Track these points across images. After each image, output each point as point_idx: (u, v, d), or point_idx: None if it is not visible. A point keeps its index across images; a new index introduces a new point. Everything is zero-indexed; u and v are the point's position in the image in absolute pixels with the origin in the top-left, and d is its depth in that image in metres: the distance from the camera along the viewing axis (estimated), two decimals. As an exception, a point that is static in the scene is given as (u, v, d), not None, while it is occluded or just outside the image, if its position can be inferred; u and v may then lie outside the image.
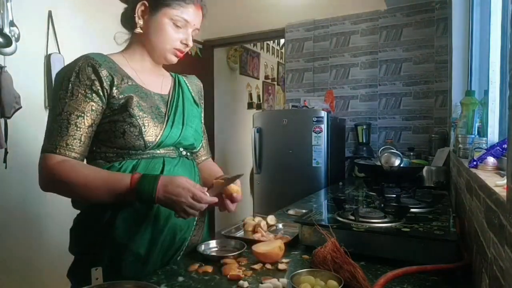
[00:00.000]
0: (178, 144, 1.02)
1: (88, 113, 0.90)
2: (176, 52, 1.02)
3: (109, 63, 0.95)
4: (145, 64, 1.05)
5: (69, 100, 0.89)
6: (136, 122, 0.92)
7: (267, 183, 2.84)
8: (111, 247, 0.91)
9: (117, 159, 0.94)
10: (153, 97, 1.00)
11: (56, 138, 0.88)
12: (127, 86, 0.95)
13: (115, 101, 0.93)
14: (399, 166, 1.67)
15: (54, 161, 0.88)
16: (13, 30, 2.07)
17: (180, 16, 0.98)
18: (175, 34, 1.00)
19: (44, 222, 2.31)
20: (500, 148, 0.97)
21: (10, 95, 2.02)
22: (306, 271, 0.81)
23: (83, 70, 0.90)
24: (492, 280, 0.61)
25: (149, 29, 0.99)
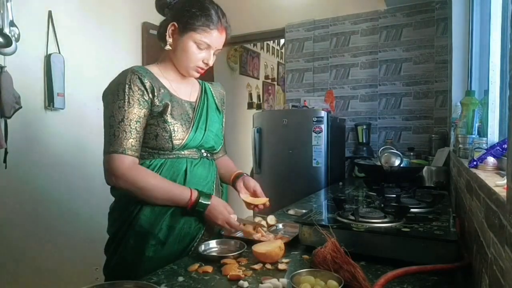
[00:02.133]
0: (200, 147, 1.17)
1: (142, 118, 1.06)
2: (197, 69, 1.15)
3: (150, 75, 1.10)
4: (176, 75, 1.18)
5: (128, 108, 1.04)
6: (168, 128, 1.08)
7: (267, 183, 2.84)
8: (136, 231, 1.07)
9: (148, 157, 1.10)
10: (184, 104, 1.15)
11: (123, 141, 1.03)
12: (163, 95, 1.10)
13: (155, 108, 1.08)
14: (399, 166, 1.67)
15: (127, 162, 1.03)
16: (13, 30, 2.07)
17: (203, 40, 1.10)
18: (198, 54, 1.12)
19: (44, 222, 2.30)
20: (500, 148, 0.97)
21: (10, 95, 2.02)
22: (306, 271, 0.81)
23: (134, 82, 1.05)
24: (492, 280, 0.61)
25: (176, 47, 1.12)
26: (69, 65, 2.39)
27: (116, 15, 2.80)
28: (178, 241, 1.10)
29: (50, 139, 2.34)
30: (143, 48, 2.99)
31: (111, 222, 1.15)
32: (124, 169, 1.02)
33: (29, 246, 2.22)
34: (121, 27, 2.85)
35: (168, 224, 1.08)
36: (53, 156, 2.34)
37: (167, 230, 1.08)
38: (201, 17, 1.09)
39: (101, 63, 2.65)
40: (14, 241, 2.15)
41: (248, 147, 3.77)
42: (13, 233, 2.15)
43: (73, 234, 2.43)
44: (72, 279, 2.37)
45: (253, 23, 3.57)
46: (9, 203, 2.14)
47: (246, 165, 4.72)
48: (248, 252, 1.04)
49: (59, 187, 2.37)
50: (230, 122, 4.62)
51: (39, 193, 2.28)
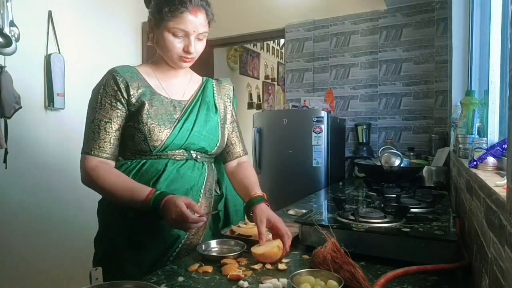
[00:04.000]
0: (186, 147, 1.11)
1: (115, 119, 1.05)
2: (183, 59, 1.09)
3: (130, 74, 1.08)
4: (169, 72, 1.15)
5: (98, 109, 1.04)
6: (143, 129, 1.04)
7: (267, 183, 2.84)
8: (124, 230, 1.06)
9: (131, 158, 1.09)
10: (169, 104, 1.11)
11: (91, 142, 1.03)
12: (142, 93, 1.07)
13: (132, 107, 1.06)
14: (399, 166, 1.67)
15: (92, 164, 1.03)
16: (13, 30, 2.07)
17: (177, 27, 1.04)
18: (177, 44, 1.06)
19: (44, 222, 2.30)
20: (500, 148, 0.97)
21: (10, 95, 2.02)
22: (306, 271, 0.81)
23: (108, 83, 1.05)
24: (492, 280, 0.61)
25: (157, 42, 1.09)
26: (69, 65, 2.40)
27: (116, 15, 2.80)
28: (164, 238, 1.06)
29: (50, 139, 2.34)
30: (143, 48, 3.00)
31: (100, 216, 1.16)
32: (88, 169, 1.03)
33: (29, 246, 2.22)
34: (121, 27, 2.85)
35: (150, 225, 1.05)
36: (53, 156, 2.34)
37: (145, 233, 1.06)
38: (166, 4, 1.02)
39: (101, 63, 2.64)
40: (14, 241, 2.15)
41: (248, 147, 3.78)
42: (13, 233, 2.15)
43: (73, 234, 2.43)
44: (72, 279, 2.37)
45: (253, 23, 3.57)
46: (9, 203, 2.14)
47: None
48: (248, 252, 1.04)
49: (59, 187, 2.37)
50: (230, 122, 4.62)
51: (39, 192, 2.28)
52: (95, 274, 0.79)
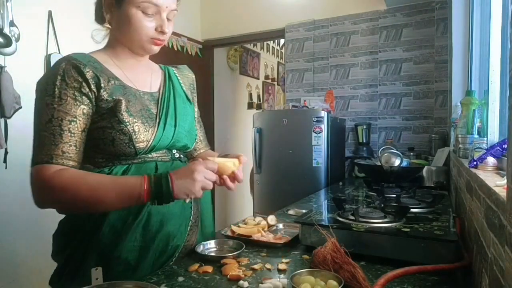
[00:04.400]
0: (171, 147, 0.98)
1: (80, 117, 0.84)
2: (154, 41, 0.93)
3: (94, 63, 0.89)
4: (129, 60, 0.97)
5: (58, 105, 0.82)
6: (126, 129, 0.86)
7: (267, 183, 2.84)
8: (97, 255, 0.87)
9: (106, 165, 0.89)
10: (143, 98, 0.94)
11: (50, 147, 0.80)
12: (114, 87, 0.89)
13: (104, 104, 0.86)
14: (399, 166, 1.67)
15: (50, 172, 0.79)
16: (13, 30, 2.07)
17: (148, 1, 0.88)
18: (148, 23, 0.90)
19: (44, 222, 2.30)
20: (500, 148, 0.96)
21: (10, 95, 2.02)
22: (306, 271, 0.81)
23: (68, 73, 0.84)
24: (492, 280, 0.61)
25: (119, 22, 0.92)
26: (69, 65, 2.40)
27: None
28: (153, 263, 0.92)
29: (50, 139, 2.34)
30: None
31: (59, 246, 0.93)
32: (46, 180, 0.78)
33: (29, 246, 2.22)
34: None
35: (139, 244, 0.89)
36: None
37: (138, 252, 0.89)
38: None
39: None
40: (14, 241, 2.15)
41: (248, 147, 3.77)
42: (13, 232, 2.15)
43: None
44: (72, 279, 2.37)
45: (253, 23, 3.57)
46: (8, 203, 2.14)
47: (246, 165, 4.72)
48: (247, 252, 1.04)
49: (59, 187, 2.38)
50: (230, 122, 4.62)
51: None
52: (95, 274, 0.78)
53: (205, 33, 3.85)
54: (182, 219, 0.99)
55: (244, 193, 4.76)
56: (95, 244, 0.87)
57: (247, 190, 4.44)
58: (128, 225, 0.88)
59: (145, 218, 0.90)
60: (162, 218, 0.93)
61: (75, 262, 0.88)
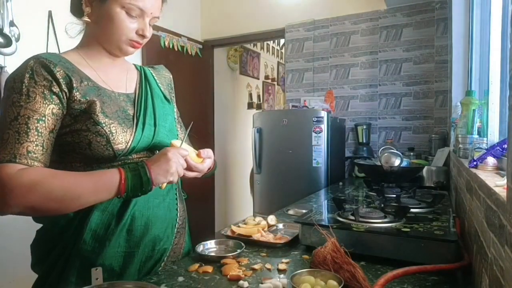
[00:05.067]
0: (152, 147, 0.93)
1: (49, 116, 0.79)
2: (132, 43, 0.91)
3: (65, 63, 0.84)
4: (103, 59, 0.93)
5: (25, 103, 0.76)
6: (103, 131, 0.82)
7: (267, 183, 2.84)
8: (79, 263, 0.83)
9: (84, 169, 0.84)
10: (118, 99, 0.90)
11: (14, 146, 0.74)
12: (87, 87, 0.85)
13: (76, 105, 0.82)
14: (399, 166, 1.66)
15: (11, 171, 0.72)
16: (13, 30, 2.07)
17: (134, 4, 0.85)
18: (130, 24, 0.87)
19: (44, 222, 2.31)
20: (500, 148, 0.96)
21: (10, 95, 2.02)
22: (306, 271, 0.81)
23: (37, 71, 0.79)
24: (492, 280, 0.61)
25: (99, 18, 0.87)
26: (69, 65, 2.40)
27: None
28: (139, 269, 0.90)
29: (50, 139, 2.34)
30: (142, 47, 2.99)
31: (38, 257, 0.90)
32: (6, 180, 0.71)
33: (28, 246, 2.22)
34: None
35: (123, 250, 0.86)
36: (53, 156, 2.34)
37: (122, 258, 0.86)
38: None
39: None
40: (13, 241, 2.15)
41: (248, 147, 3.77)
42: (13, 233, 2.15)
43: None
44: (72, 279, 2.37)
45: (253, 23, 3.57)
46: (9, 203, 2.14)
47: (246, 165, 4.73)
48: (247, 252, 1.04)
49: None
50: (230, 122, 4.62)
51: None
52: (95, 274, 0.78)
53: (205, 33, 3.85)
54: (168, 222, 0.96)
55: (244, 193, 4.76)
56: (77, 252, 0.83)
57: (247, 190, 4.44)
58: (111, 230, 0.85)
59: (129, 222, 0.87)
60: (147, 221, 0.90)
61: (56, 273, 0.84)
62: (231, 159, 4.61)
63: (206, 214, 3.89)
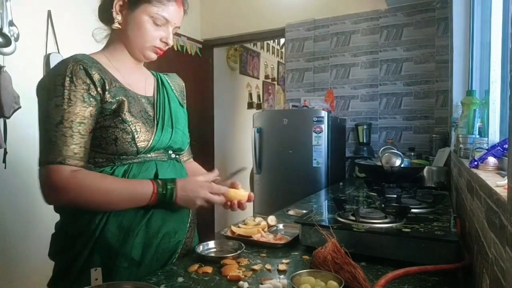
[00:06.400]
0: (168, 148, 1.02)
1: (88, 118, 0.88)
2: (156, 49, 1.00)
3: (97, 65, 0.91)
4: (127, 64, 1.01)
5: (68, 106, 0.85)
6: (129, 128, 0.90)
7: (267, 183, 2.84)
8: (102, 253, 0.89)
9: (107, 164, 0.92)
10: (141, 100, 0.98)
11: (62, 148, 0.85)
12: (116, 89, 0.92)
13: (108, 105, 0.90)
14: (400, 166, 1.66)
15: (66, 173, 0.84)
16: (13, 30, 2.07)
17: (161, 14, 0.95)
18: (155, 32, 0.96)
19: (44, 223, 2.30)
20: (501, 148, 0.96)
21: (9, 95, 2.02)
22: (306, 271, 0.80)
23: (76, 74, 0.86)
24: (493, 280, 0.61)
25: (127, 25, 0.96)
26: (69, 65, 2.39)
27: (116, 15, 2.80)
28: (156, 260, 0.96)
29: (50, 139, 2.34)
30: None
31: (59, 247, 0.94)
32: (63, 181, 0.84)
33: (28, 246, 2.22)
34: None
35: (142, 241, 0.92)
36: (53, 156, 2.34)
37: (141, 249, 0.92)
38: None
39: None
40: (13, 241, 2.15)
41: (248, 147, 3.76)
42: (12, 233, 2.15)
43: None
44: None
45: (253, 23, 3.57)
46: (8, 203, 2.13)
47: (246, 165, 4.73)
48: (247, 253, 1.04)
49: (59, 187, 2.38)
50: (230, 122, 4.62)
51: (38, 193, 2.28)
52: (95, 275, 0.78)
53: (205, 32, 3.84)
54: (181, 216, 1.03)
55: (244, 193, 4.74)
56: (102, 241, 0.89)
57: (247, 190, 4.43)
58: (134, 223, 0.92)
59: (148, 216, 0.94)
60: (164, 215, 0.97)
61: (80, 262, 0.89)
62: (231, 159, 4.61)
63: (206, 215, 3.89)
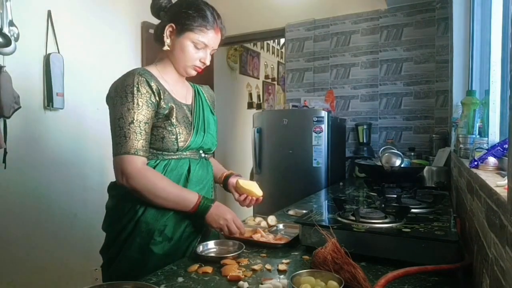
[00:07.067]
0: (200, 148, 1.20)
1: (150, 120, 1.09)
2: (195, 68, 1.19)
3: (154, 77, 1.12)
4: (173, 77, 1.21)
5: (137, 110, 1.06)
6: (175, 130, 1.11)
7: (267, 183, 2.83)
8: (144, 227, 1.08)
9: (152, 158, 1.12)
10: (183, 108, 1.18)
11: (134, 142, 1.05)
12: (168, 97, 1.13)
13: (161, 110, 1.10)
14: (400, 166, 1.66)
15: (139, 163, 1.05)
16: (13, 30, 2.07)
17: (201, 40, 1.14)
18: (195, 54, 1.15)
19: (43, 222, 2.30)
20: (501, 148, 0.96)
21: (9, 95, 2.02)
22: (307, 271, 0.80)
23: (142, 85, 1.07)
24: (493, 280, 0.61)
25: (174, 48, 1.15)
26: (68, 64, 2.39)
27: (116, 15, 2.79)
28: (184, 239, 1.14)
29: (49, 139, 2.34)
30: (142, 47, 2.99)
31: (110, 220, 1.15)
32: (137, 170, 1.04)
33: (28, 246, 2.21)
34: (120, 26, 2.84)
35: (173, 221, 1.11)
36: (52, 156, 2.34)
37: (173, 227, 1.11)
38: (198, 18, 1.13)
39: (100, 63, 2.65)
40: (13, 241, 2.15)
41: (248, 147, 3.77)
42: (13, 233, 2.15)
43: (72, 234, 2.43)
44: (71, 279, 2.37)
45: (253, 23, 3.57)
46: (8, 203, 2.13)
47: (246, 165, 4.72)
48: (247, 253, 1.04)
49: (59, 187, 2.37)
50: (230, 122, 4.62)
51: (38, 192, 2.28)
52: (95, 275, 0.78)
53: (205, 33, 3.84)
54: None
55: (244, 193, 4.74)
56: (144, 218, 1.08)
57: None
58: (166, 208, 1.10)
59: None
60: None
61: (125, 234, 1.09)
62: (231, 159, 4.61)
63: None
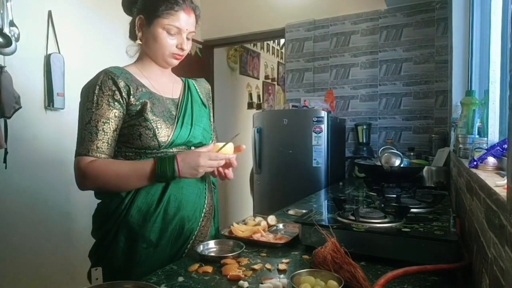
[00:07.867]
0: (188, 143, 1.14)
1: (112, 119, 1.04)
2: (174, 56, 1.13)
3: (126, 75, 1.08)
4: (155, 72, 1.17)
5: (95, 109, 1.03)
6: (150, 125, 1.04)
7: (267, 183, 2.84)
8: (126, 232, 1.05)
9: (135, 157, 1.08)
10: (165, 102, 1.13)
11: (88, 143, 1.02)
12: (142, 93, 1.08)
13: (133, 107, 1.06)
14: (400, 166, 1.66)
15: (87, 161, 1.02)
16: (13, 30, 2.07)
17: (172, 24, 1.08)
18: (170, 40, 1.10)
19: (44, 222, 2.30)
20: (501, 148, 0.96)
21: (10, 95, 2.02)
22: (306, 271, 0.81)
23: (104, 83, 1.04)
24: (492, 280, 0.61)
25: (148, 39, 1.12)
26: (69, 65, 2.39)
27: (116, 15, 2.80)
28: (171, 244, 1.09)
29: (49, 139, 2.34)
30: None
31: (97, 225, 1.12)
32: (83, 169, 1.01)
33: (28, 246, 2.22)
34: (120, 26, 2.84)
35: (159, 226, 1.07)
36: (52, 156, 2.34)
37: (159, 232, 1.06)
38: (163, 1, 1.08)
39: (101, 63, 2.64)
40: (13, 241, 2.15)
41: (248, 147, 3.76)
42: (13, 233, 2.15)
43: (72, 234, 2.43)
44: (71, 279, 2.37)
45: (253, 23, 3.57)
46: (9, 203, 2.13)
47: (246, 165, 4.73)
48: (247, 252, 1.04)
49: (59, 187, 2.37)
50: (230, 122, 4.62)
51: (38, 193, 2.28)
52: (95, 274, 0.79)
53: (205, 33, 3.84)
54: (197, 206, 1.15)
55: (244, 193, 4.76)
56: (125, 224, 1.05)
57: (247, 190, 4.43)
58: (152, 209, 1.06)
59: (165, 204, 1.07)
60: (179, 204, 1.10)
61: (110, 237, 1.06)
62: (231, 159, 4.61)
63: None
